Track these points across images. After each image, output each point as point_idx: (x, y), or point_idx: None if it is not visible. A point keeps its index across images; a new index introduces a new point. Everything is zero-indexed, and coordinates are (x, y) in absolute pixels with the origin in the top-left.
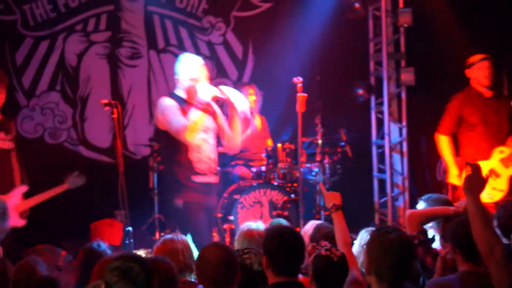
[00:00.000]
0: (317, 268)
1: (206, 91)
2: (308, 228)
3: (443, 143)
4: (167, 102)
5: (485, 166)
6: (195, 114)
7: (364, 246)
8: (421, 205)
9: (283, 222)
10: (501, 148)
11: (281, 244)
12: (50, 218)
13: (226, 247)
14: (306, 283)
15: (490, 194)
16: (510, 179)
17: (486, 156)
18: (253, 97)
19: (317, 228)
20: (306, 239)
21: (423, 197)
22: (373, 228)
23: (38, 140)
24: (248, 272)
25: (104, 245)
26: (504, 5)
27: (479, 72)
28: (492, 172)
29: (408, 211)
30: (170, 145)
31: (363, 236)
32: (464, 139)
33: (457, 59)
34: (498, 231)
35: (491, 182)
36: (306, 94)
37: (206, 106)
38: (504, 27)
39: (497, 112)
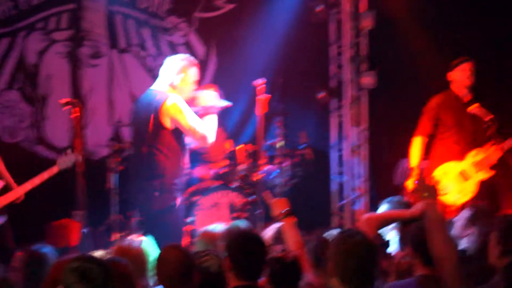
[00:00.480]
0: (271, 269)
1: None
2: (268, 231)
3: (414, 145)
4: (184, 102)
5: (456, 167)
6: (211, 119)
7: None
8: (384, 208)
9: (243, 224)
10: (476, 151)
11: (244, 247)
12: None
13: (183, 249)
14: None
15: (456, 196)
16: (479, 184)
17: (456, 159)
18: None
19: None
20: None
21: (386, 200)
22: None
23: None
24: (206, 275)
25: (47, 249)
26: (468, 8)
27: (462, 73)
28: (462, 174)
29: (365, 215)
30: (170, 146)
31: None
32: (437, 140)
33: (420, 63)
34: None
35: (459, 184)
36: (269, 95)
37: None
38: (468, 31)
39: (473, 118)
